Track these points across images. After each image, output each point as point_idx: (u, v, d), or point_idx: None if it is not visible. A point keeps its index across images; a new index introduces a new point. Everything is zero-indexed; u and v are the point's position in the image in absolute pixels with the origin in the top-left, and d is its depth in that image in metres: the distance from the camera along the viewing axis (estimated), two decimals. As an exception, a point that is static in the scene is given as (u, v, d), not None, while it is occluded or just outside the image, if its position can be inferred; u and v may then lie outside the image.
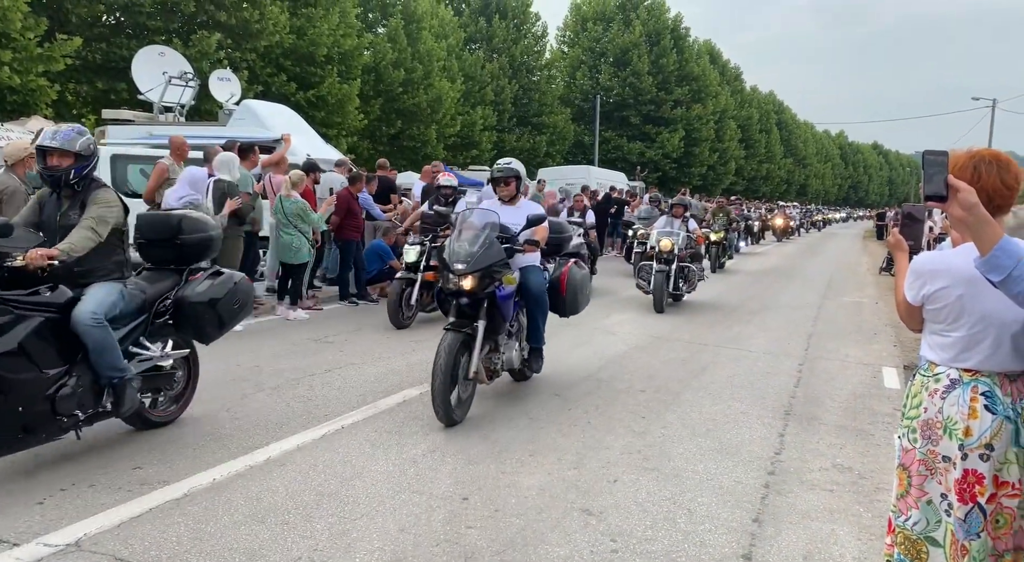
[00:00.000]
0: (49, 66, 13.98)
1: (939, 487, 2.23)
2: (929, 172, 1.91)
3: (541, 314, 5.56)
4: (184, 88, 13.71)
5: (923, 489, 2.26)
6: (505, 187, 5.65)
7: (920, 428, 2.26)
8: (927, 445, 2.24)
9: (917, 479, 2.27)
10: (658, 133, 42.10)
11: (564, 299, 5.92)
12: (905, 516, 2.30)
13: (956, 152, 2.21)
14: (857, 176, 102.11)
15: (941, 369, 2.25)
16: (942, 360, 2.25)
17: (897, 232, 2.49)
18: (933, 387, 2.25)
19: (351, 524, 3.39)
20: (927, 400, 2.25)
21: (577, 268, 6.09)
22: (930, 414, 2.23)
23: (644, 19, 42.19)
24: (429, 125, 26.89)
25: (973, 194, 1.86)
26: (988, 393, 2.16)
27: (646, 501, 3.78)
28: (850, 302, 12.24)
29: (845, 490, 4.06)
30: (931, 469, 2.24)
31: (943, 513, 2.22)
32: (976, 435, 2.13)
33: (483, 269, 4.87)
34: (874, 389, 6.38)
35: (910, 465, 2.29)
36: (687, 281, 10.62)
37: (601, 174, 27.68)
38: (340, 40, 21.80)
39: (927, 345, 2.32)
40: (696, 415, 5.33)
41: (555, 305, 5.89)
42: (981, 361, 2.18)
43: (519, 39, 35.69)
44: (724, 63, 54.77)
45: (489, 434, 4.72)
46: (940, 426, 2.20)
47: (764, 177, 59.36)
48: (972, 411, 2.15)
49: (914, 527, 2.27)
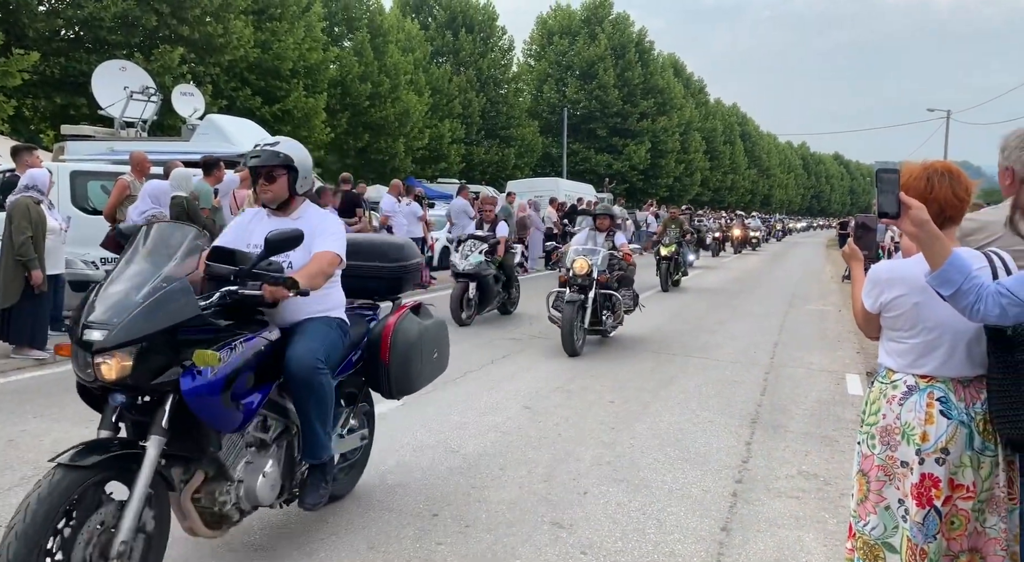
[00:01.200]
0: (5, 81, 13.72)
1: (897, 492, 2.28)
2: (882, 189, 1.98)
3: (316, 408, 3.13)
4: (146, 103, 13.51)
5: (881, 495, 2.31)
6: (267, 185, 3.27)
7: (879, 434, 2.31)
8: (886, 451, 2.29)
9: (875, 484, 2.31)
10: (625, 145, 42.61)
11: (388, 370, 3.67)
12: (864, 521, 2.34)
13: (911, 164, 2.28)
14: (819, 186, 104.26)
15: (898, 375, 2.31)
16: (899, 366, 2.31)
17: (852, 242, 2.55)
18: (891, 394, 2.30)
19: (319, 543, 3.35)
20: (885, 406, 2.30)
21: (416, 318, 3.89)
22: (888, 420, 2.28)
23: (609, 33, 42.76)
24: (397, 138, 26.89)
25: (924, 211, 1.93)
26: (943, 398, 2.21)
27: (616, 512, 3.79)
28: (814, 310, 12.45)
29: (811, 497, 4.12)
30: (889, 475, 2.29)
31: (900, 519, 2.27)
32: (932, 440, 2.19)
33: (141, 340, 2.50)
34: (838, 396, 6.49)
35: (869, 471, 2.33)
36: (612, 311, 8.45)
37: (569, 186, 27.91)
38: (306, 54, 21.73)
39: (884, 352, 2.38)
40: (665, 425, 5.37)
41: (374, 379, 3.74)
42: (936, 367, 2.24)
43: (486, 52, 35.92)
44: (688, 76, 55.72)
45: (459, 449, 4.70)
46: (898, 432, 2.25)
47: (729, 188, 60.31)
48: (928, 416, 2.20)
49: (872, 532, 2.32)
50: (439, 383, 6.32)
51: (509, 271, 10.35)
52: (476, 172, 34.10)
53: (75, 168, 10.02)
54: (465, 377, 6.64)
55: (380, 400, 4.03)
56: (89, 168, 10.27)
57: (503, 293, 10.28)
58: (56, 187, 8.80)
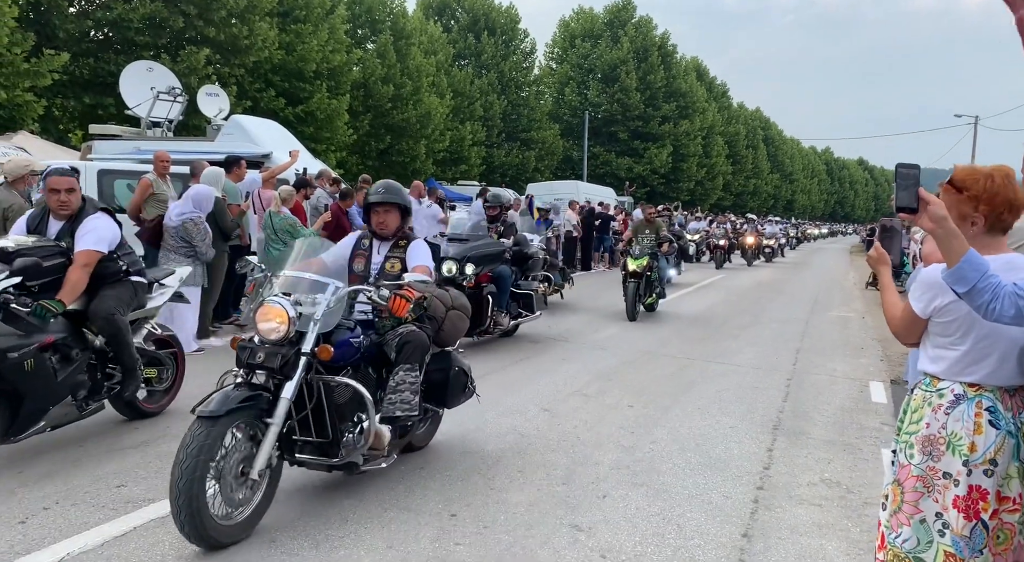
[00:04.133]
0: (36, 81, 13.96)
1: (935, 505, 2.20)
2: (901, 184, 1.96)
3: None
4: (172, 103, 13.68)
5: (917, 506, 2.23)
6: None
7: (919, 444, 2.23)
8: (926, 461, 2.21)
9: (911, 495, 2.24)
10: (646, 149, 42.43)
11: None
12: (896, 533, 2.27)
13: (968, 166, 2.23)
14: (843, 192, 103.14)
15: (945, 384, 2.23)
16: (946, 374, 2.23)
17: (879, 246, 2.50)
18: (936, 402, 2.22)
19: (339, 541, 3.36)
20: (929, 415, 2.22)
21: None
22: (932, 430, 2.21)
23: (632, 36, 42.65)
24: (418, 140, 27.00)
25: (943, 207, 1.91)
26: (992, 408, 2.15)
27: (635, 517, 3.77)
28: (837, 317, 12.31)
29: (833, 505, 4.07)
30: (928, 486, 2.21)
31: (935, 533, 2.19)
32: (981, 451, 2.13)
33: None
34: (861, 403, 6.41)
35: (904, 481, 2.27)
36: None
37: (590, 189, 27.83)
38: (329, 56, 21.90)
39: (928, 358, 2.30)
40: (685, 430, 5.33)
41: None
42: (986, 375, 2.17)
43: (508, 55, 35.98)
44: (711, 80, 55.38)
45: (477, 450, 4.70)
46: (943, 442, 2.18)
47: (752, 192, 59.84)
48: (977, 426, 2.14)
49: (904, 545, 2.24)
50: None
51: None
52: (496, 175, 34.15)
53: (102, 167, 10.17)
54: (484, 379, 6.62)
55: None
56: (116, 167, 10.42)
57: None
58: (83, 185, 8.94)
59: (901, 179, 1.96)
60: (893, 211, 2.05)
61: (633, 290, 10.48)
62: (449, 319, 4.42)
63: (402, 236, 4.30)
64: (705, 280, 17.79)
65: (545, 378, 6.76)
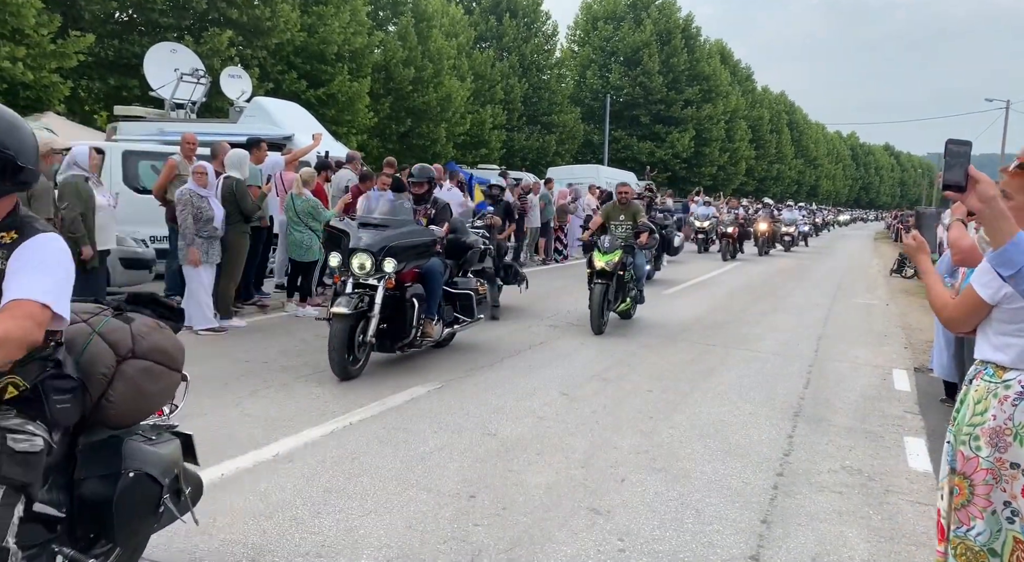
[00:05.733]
0: (62, 62, 14.06)
1: (1003, 495, 2.19)
2: (951, 162, 1.90)
3: None
4: (195, 85, 13.76)
5: (988, 499, 2.20)
6: None
7: (985, 436, 2.20)
8: (994, 453, 2.18)
9: (983, 488, 2.21)
10: (668, 133, 42.01)
11: None
12: (968, 526, 2.23)
13: None
14: (868, 177, 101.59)
15: (1012, 374, 2.18)
16: (1015, 362, 2.17)
17: (918, 234, 2.43)
18: (1003, 394, 2.18)
19: (358, 521, 3.40)
20: (996, 407, 2.18)
21: None
22: (999, 421, 2.17)
23: (655, 18, 42.11)
24: (439, 123, 26.91)
25: (993, 187, 1.85)
26: None
27: (654, 501, 3.77)
28: (860, 304, 12.17)
29: (854, 492, 4.04)
30: (997, 478, 2.19)
31: (1004, 521, 2.18)
32: None
33: None
34: (884, 391, 6.35)
35: (972, 474, 2.23)
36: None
37: (611, 173, 27.64)
38: (351, 38, 21.84)
39: (992, 347, 2.23)
40: (704, 415, 5.31)
41: None
42: None
43: (529, 38, 35.67)
44: (735, 63, 54.59)
45: (496, 432, 4.72)
46: (1010, 433, 2.15)
47: (775, 178, 59.14)
48: None
49: (978, 538, 2.21)
50: (477, 367, 6.38)
51: None
52: (517, 159, 34.01)
53: (127, 148, 10.27)
54: (503, 362, 6.66)
55: (416, 384, 4.16)
56: (140, 148, 10.52)
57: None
58: (108, 166, 9.04)
59: (950, 156, 1.90)
60: (920, 200, 1.99)
61: (600, 294, 8.06)
62: (124, 378, 2.30)
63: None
64: (702, 275, 15.24)
65: (563, 362, 6.76)
